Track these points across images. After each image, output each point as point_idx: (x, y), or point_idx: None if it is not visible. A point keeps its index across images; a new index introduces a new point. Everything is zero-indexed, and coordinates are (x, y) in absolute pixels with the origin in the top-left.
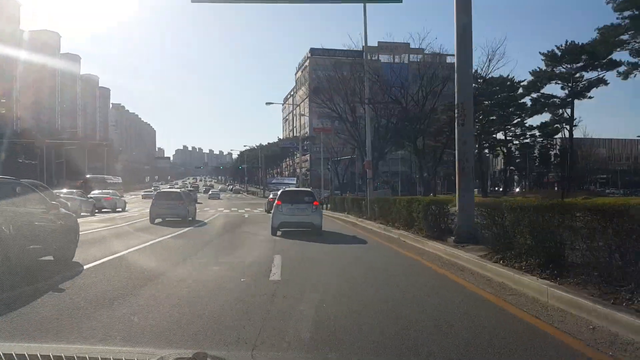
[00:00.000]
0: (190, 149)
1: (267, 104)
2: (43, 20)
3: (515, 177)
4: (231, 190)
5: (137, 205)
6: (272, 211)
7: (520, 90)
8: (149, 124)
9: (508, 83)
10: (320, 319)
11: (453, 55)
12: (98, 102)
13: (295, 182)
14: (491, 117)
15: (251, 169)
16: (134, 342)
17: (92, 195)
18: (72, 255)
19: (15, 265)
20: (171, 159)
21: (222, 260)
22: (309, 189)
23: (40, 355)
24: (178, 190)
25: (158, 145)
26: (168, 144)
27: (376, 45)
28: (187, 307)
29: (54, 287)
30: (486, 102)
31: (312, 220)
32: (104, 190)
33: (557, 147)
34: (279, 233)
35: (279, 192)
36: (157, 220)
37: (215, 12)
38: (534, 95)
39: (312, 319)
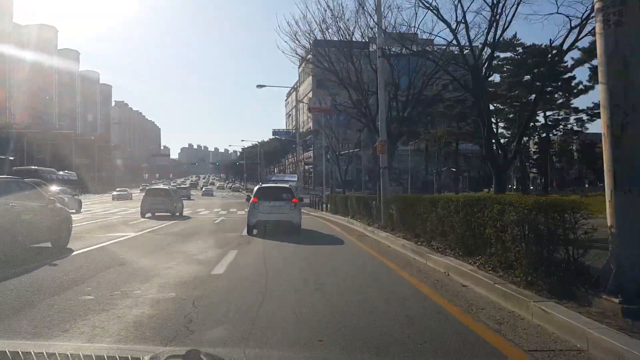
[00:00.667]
0: (195, 147)
1: (259, 86)
2: (43, 19)
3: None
4: (230, 187)
5: (100, 207)
6: (247, 209)
7: (577, 56)
8: (153, 122)
9: (554, 51)
10: None
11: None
12: (99, 99)
13: (296, 179)
14: (529, 97)
15: (252, 165)
16: None
17: None
18: (66, 243)
19: (15, 250)
20: (176, 157)
21: None
22: (287, 186)
23: (34, 353)
24: (166, 187)
25: (163, 143)
26: (174, 143)
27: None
28: None
29: None
30: (526, 77)
31: (291, 219)
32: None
33: (578, 141)
34: (255, 232)
35: (255, 189)
36: (147, 215)
37: (216, 12)
38: (589, 64)
39: None
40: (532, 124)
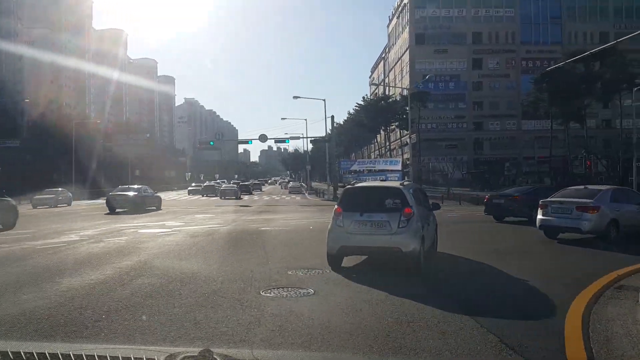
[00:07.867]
0: (275, 149)
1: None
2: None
3: None
4: (283, 186)
5: None
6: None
7: None
8: (229, 122)
9: None
10: None
11: None
12: (157, 92)
13: (399, 167)
14: None
15: (321, 156)
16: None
17: None
18: None
19: None
20: (256, 159)
21: None
22: (396, 185)
23: (49, 354)
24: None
25: (243, 146)
26: (254, 146)
27: None
28: None
29: None
30: None
31: (399, 244)
32: None
33: None
34: (345, 263)
35: (341, 192)
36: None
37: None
38: None
39: None
40: None
